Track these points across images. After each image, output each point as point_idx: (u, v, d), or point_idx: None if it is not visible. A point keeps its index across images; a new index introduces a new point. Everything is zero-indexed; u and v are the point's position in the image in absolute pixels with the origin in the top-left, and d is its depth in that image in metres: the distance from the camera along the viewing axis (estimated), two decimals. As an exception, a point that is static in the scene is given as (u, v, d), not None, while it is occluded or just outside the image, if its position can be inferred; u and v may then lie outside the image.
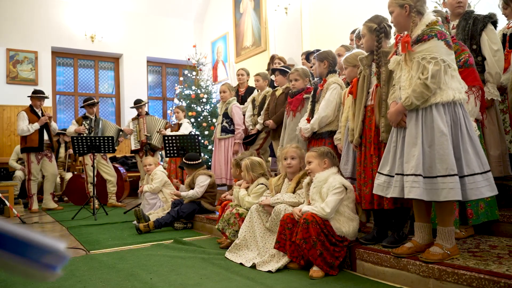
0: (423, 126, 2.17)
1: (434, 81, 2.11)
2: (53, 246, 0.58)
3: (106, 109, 9.40)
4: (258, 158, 3.59)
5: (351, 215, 2.60)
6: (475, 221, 2.65)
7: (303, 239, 2.46)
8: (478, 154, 2.14)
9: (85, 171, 6.36)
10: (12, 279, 2.62)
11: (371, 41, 2.61)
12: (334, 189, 2.53)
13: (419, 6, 2.28)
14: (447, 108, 2.15)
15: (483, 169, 2.12)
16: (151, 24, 9.48)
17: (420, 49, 2.18)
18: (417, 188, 2.11)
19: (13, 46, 7.98)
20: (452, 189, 2.04)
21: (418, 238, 2.31)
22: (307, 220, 2.47)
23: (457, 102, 2.15)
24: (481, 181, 2.10)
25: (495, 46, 3.00)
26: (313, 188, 2.67)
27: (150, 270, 2.73)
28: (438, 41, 2.15)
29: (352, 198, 2.63)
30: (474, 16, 3.09)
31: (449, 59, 2.17)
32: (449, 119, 2.14)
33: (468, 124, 2.17)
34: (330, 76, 3.40)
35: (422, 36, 2.19)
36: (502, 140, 3.15)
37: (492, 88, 3.01)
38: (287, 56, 6.28)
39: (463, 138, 2.13)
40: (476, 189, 2.08)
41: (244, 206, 3.36)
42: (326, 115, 3.28)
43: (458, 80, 2.21)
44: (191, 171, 4.68)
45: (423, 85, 2.13)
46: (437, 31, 2.17)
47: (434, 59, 2.12)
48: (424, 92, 2.13)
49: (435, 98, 2.14)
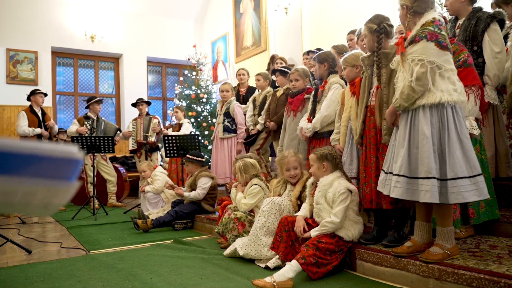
0: (411, 127, 2.20)
1: (420, 83, 2.12)
2: (65, 152, 0.54)
3: (106, 109, 9.40)
4: (251, 160, 3.59)
5: (355, 218, 2.59)
6: (476, 220, 2.65)
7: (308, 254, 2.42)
8: (467, 157, 2.10)
9: (85, 171, 6.36)
10: (12, 279, 2.62)
11: (372, 41, 2.61)
12: (340, 195, 2.51)
13: (416, 7, 2.28)
14: (435, 110, 2.14)
15: (471, 173, 2.08)
16: (151, 24, 9.48)
17: (411, 51, 2.20)
18: (399, 188, 2.17)
19: (13, 46, 7.98)
20: (428, 192, 2.07)
21: (417, 237, 2.31)
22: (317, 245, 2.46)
23: (446, 104, 2.12)
24: (466, 185, 2.06)
25: (496, 48, 2.91)
26: (318, 192, 2.66)
27: (150, 270, 2.73)
28: (427, 42, 2.14)
29: (356, 200, 2.61)
30: (478, 15, 2.99)
31: (441, 60, 2.14)
32: (436, 122, 2.13)
33: (459, 126, 2.13)
34: (331, 77, 3.41)
35: (414, 37, 2.21)
36: (502, 141, 3.13)
37: (489, 91, 2.95)
38: (287, 56, 6.28)
39: (450, 141, 2.10)
40: (458, 193, 2.05)
41: (241, 209, 3.35)
42: (328, 114, 3.29)
43: (452, 81, 2.17)
44: (192, 168, 4.67)
45: (409, 87, 2.15)
46: (428, 32, 2.16)
47: (420, 61, 2.13)
48: (410, 94, 2.16)
49: (421, 100, 2.15)
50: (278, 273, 2.28)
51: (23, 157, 0.52)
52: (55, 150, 0.54)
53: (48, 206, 0.57)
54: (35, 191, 0.54)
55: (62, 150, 0.54)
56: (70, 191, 0.57)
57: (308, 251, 2.39)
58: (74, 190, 0.57)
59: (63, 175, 0.55)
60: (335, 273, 2.52)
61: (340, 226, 2.51)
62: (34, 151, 0.52)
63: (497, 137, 3.11)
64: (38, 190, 0.54)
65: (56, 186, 0.55)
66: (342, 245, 2.52)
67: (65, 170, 0.55)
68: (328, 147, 2.83)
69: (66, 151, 0.55)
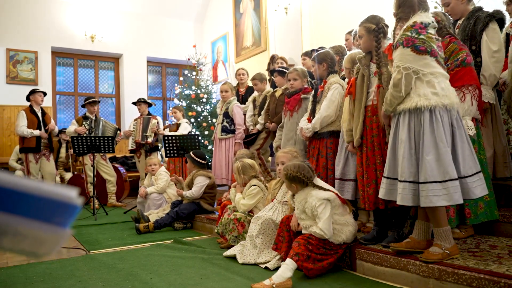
0: (396, 131, 2.29)
1: (397, 89, 2.21)
2: (64, 195, 0.52)
3: (106, 109, 9.40)
4: (249, 160, 3.58)
5: (342, 220, 2.55)
6: (473, 220, 2.63)
7: (299, 247, 2.42)
8: (440, 161, 2.09)
9: (85, 171, 6.36)
10: (12, 279, 2.62)
11: (369, 41, 2.62)
12: (317, 208, 2.46)
13: (401, 13, 2.36)
14: (414, 114, 2.19)
15: (443, 178, 2.08)
16: (151, 24, 9.47)
17: (393, 57, 2.29)
18: (383, 189, 2.30)
19: (13, 46, 7.98)
20: (400, 194, 2.18)
21: (415, 234, 2.35)
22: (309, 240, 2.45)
23: (423, 108, 2.14)
24: (435, 190, 2.07)
25: (494, 47, 2.87)
26: (296, 210, 2.63)
27: (150, 270, 2.73)
28: (403, 48, 2.20)
29: (337, 204, 2.55)
30: (477, 15, 2.98)
31: (418, 65, 2.17)
32: (415, 125, 2.19)
33: (436, 130, 2.12)
34: (330, 77, 3.40)
35: (396, 44, 2.28)
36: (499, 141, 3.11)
37: (485, 91, 2.90)
38: (287, 56, 6.27)
39: (424, 146, 2.13)
40: (426, 197, 2.09)
41: (240, 209, 3.35)
42: (328, 114, 3.27)
43: (432, 85, 2.16)
44: (193, 168, 4.68)
45: (390, 93, 2.25)
46: (405, 38, 2.21)
47: (397, 68, 2.21)
48: (392, 100, 2.26)
49: (401, 105, 2.24)
50: (276, 274, 2.28)
51: (19, 195, 0.50)
52: (53, 192, 0.52)
53: (36, 253, 0.55)
54: (26, 234, 0.52)
55: (61, 194, 0.52)
56: (61, 239, 0.54)
57: (300, 247, 2.39)
58: (65, 239, 0.55)
59: (57, 220, 0.53)
60: (335, 272, 2.53)
61: (331, 235, 2.48)
62: (32, 191, 0.51)
63: (494, 137, 3.09)
64: (29, 233, 0.52)
65: (48, 231, 0.53)
66: (334, 246, 2.51)
67: (61, 215, 0.53)
68: (296, 163, 2.63)
69: (64, 195, 0.53)
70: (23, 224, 0.51)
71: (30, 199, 0.51)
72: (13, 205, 0.50)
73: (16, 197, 0.50)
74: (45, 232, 0.52)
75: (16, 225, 0.50)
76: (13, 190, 0.50)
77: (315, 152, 3.32)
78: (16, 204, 0.50)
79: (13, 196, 0.50)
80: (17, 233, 0.51)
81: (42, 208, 0.51)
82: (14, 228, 0.51)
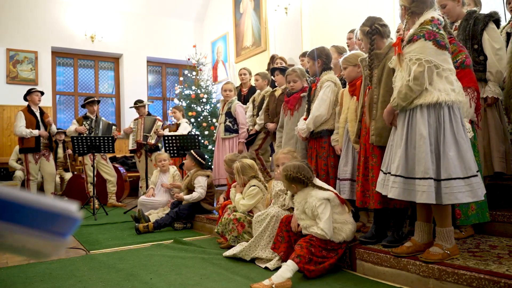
0: (409, 127, 2.19)
1: (417, 82, 2.11)
2: (65, 209, 0.54)
3: (106, 109, 9.40)
4: (249, 160, 3.57)
5: (341, 219, 2.55)
6: (463, 221, 2.59)
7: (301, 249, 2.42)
8: (462, 158, 2.08)
9: (85, 171, 6.35)
10: (12, 279, 2.62)
11: (366, 43, 2.64)
12: (317, 208, 2.46)
13: (414, 7, 2.28)
14: (432, 110, 2.13)
15: (465, 174, 2.06)
16: (151, 24, 9.47)
17: (408, 50, 2.19)
18: (396, 188, 2.17)
19: (13, 46, 7.98)
20: (425, 192, 2.06)
21: (417, 237, 2.31)
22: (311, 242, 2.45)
23: (443, 103, 2.10)
24: (459, 186, 2.04)
25: (496, 45, 2.95)
26: (296, 210, 2.63)
27: (150, 270, 2.73)
28: (425, 41, 2.13)
29: (336, 203, 2.55)
30: (475, 16, 3.04)
31: (439, 60, 2.13)
32: (433, 121, 2.12)
33: (456, 126, 2.11)
34: (324, 74, 3.38)
35: (412, 37, 2.20)
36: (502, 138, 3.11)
37: (493, 87, 2.97)
38: (287, 56, 6.28)
39: (445, 142, 2.09)
40: (450, 194, 2.04)
41: (239, 209, 3.34)
42: (320, 114, 3.25)
43: (450, 81, 2.15)
44: (189, 164, 4.67)
45: (407, 86, 2.14)
46: (426, 31, 2.15)
47: (418, 60, 2.12)
48: (408, 94, 2.14)
49: (418, 100, 2.14)
50: (276, 274, 2.28)
51: (21, 207, 0.52)
52: (54, 206, 0.54)
53: (39, 254, 0.58)
54: (28, 240, 0.55)
55: (62, 207, 0.54)
56: (61, 247, 0.57)
57: (302, 249, 2.39)
58: (65, 246, 0.57)
59: (58, 230, 0.55)
60: (335, 273, 2.53)
61: (332, 234, 2.48)
62: (34, 204, 0.53)
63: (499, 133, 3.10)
64: (31, 240, 0.54)
65: (49, 240, 0.55)
66: (335, 246, 2.51)
67: (61, 226, 0.55)
68: (296, 163, 2.64)
69: (65, 208, 0.55)
70: (24, 233, 0.53)
71: (30, 211, 0.53)
72: (11, 215, 0.52)
73: (16, 208, 0.52)
74: (45, 239, 0.55)
75: (17, 232, 0.53)
76: (13, 203, 0.52)
77: (314, 153, 3.32)
78: (15, 214, 0.52)
79: (13, 207, 0.52)
80: (18, 239, 0.54)
81: (42, 219, 0.53)
82: (15, 235, 0.53)
